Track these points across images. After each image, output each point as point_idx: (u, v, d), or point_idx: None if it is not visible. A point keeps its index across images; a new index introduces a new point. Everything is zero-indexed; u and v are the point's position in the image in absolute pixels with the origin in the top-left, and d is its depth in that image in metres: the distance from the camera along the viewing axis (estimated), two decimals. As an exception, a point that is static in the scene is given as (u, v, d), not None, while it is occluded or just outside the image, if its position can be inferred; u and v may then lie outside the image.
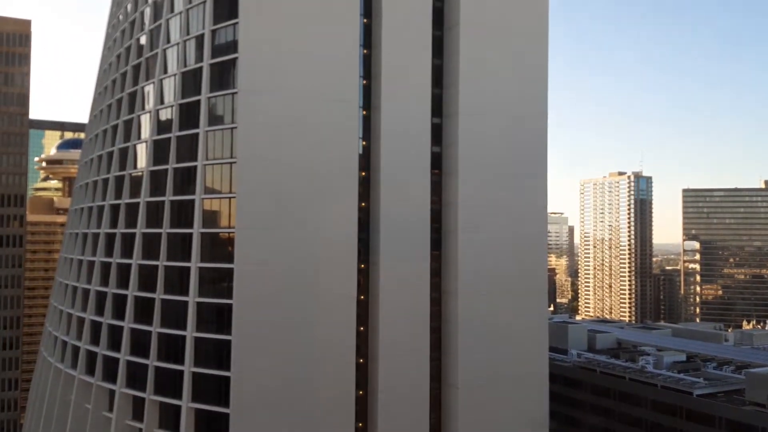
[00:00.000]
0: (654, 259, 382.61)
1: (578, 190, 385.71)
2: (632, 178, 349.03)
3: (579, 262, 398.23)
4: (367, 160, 65.37)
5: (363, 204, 64.64)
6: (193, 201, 62.40)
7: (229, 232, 60.77)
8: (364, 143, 65.27)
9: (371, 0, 65.77)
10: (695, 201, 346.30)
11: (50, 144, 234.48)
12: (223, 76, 61.90)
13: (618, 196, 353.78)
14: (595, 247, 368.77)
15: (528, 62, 70.89)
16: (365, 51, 65.44)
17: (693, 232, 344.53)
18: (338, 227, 62.04)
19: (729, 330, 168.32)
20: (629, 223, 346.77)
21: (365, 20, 65.47)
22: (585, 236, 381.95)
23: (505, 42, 69.41)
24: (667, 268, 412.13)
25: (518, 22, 70.34)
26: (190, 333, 60.52)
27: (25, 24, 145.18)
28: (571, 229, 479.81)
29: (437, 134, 68.24)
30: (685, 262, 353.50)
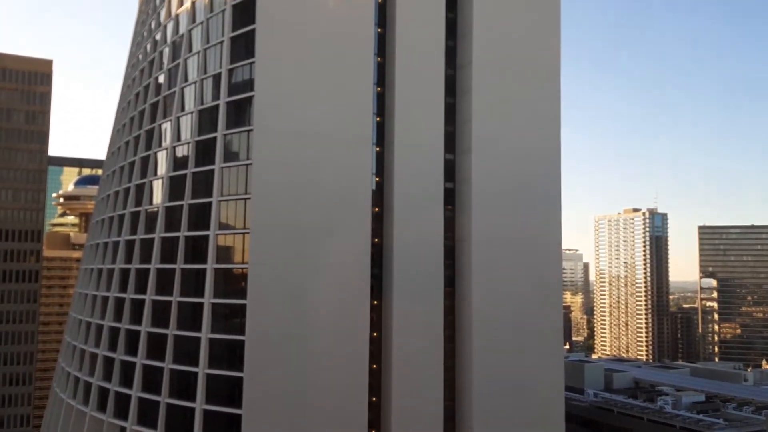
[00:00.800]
0: (670, 297, 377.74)
1: (593, 227, 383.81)
2: (647, 215, 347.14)
3: (594, 300, 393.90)
4: (380, 197, 65.62)
5: (376, 240, 64.67)
6: (207, 237, 62.77)
7: (242, 268, 60.89)
8: (377, 179, 65.63)
9: (385, 39, 66.87)
10: (711, 238, 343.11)
11: (68, 180, 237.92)
12: (239, 113, 62.84)
13: (633, 232, 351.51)
14: (610, 284, 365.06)
15: (540, 100, 71.39)
16: (379, 89, 66.27)
17: (710, 269, 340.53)
18: (351, 263, 62.01)
19: (748, 369, 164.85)
20: (645, 260, 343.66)
21: (379, 59, 66.45)
22: (600, 273, 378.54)
23: (517, 80, 70.03)
24: (684, 306, 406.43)
25: (530, 60, 71.07)
26: (202, 370, 60.24)
27: (47, 64, 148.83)
28: (586, 266, 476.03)
29: (450, 170, 68.49)
30: (702, 299, 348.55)
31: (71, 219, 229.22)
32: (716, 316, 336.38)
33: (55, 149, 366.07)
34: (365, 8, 64.69)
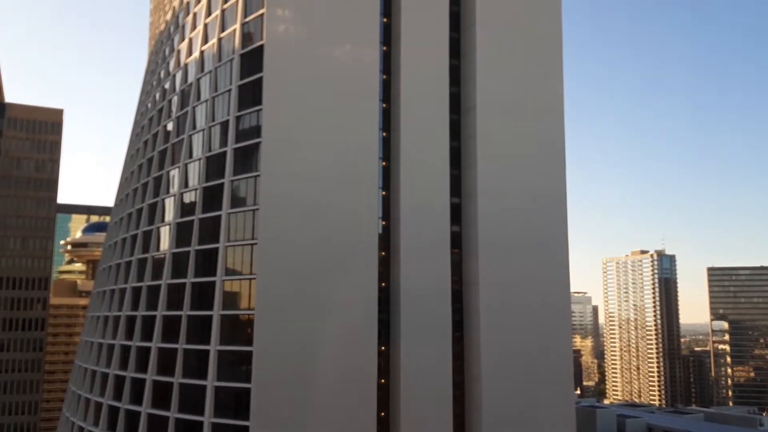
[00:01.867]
0: (682, 340, 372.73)
1: (601, 269, 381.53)
2: (655, 257, 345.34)
3: (605, 343, 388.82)
4: (386, 240, 65.60)
5: (383, 284, 64.39)
6: (213, 283, 62.66)
7: (248, 314, 60.57)
8: (383, 223, 65.74)
9: (390, 85, 67.85)
10: (721, 280, 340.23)
11: (76, 227, 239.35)
12: (246, 159, 63.47)
13: (641, 274, 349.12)
14: (620, 327, 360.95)
15: (545, 143, 71.85)
16: (384, 134, 66.97)
17: (720, 311, 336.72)
18: (358, 308, 61.63)
19: (764, 414, 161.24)
20: (654, 302, 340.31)
21: (384, 105, 67.33)
22: (610, 316, 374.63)
23: (521, 123, 70.66)
24: (696, 349, 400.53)
25: (534, 104, 71.81)
26: (208, 419, 59.35)
27: (57, 113, 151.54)
28: (595, 309, 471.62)
29: (456, 214, 68.58)
30: (714, 342, 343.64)
31: (78, 266, 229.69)
32: (729, 359, 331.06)
33: (64, 196, 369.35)
34: (371, 57, 65.86)
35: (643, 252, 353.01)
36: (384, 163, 66.60)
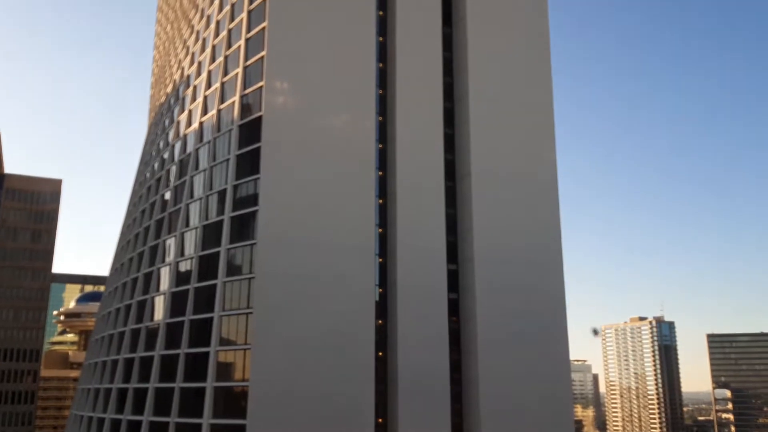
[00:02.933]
0: (684, 409, 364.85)
1: (600, 337, 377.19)
2: (654, 324, 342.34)
3: (606, 413, 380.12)
4: (383, 308, 65.04)
5: (380, 353, 63.43)
6: (207, 353, 61.64)
7: (243, 386, 59.30)
8: (380, 290, 65.35)
9: (386, 154, 68.81)
10: (721, 346, 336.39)
11: (70, 297, 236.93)
12: (243, 228, 63.60)
13: (641, 342, 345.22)
14: (621, 396, 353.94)
15: (540, 208, 72.34)
16: (381, 201, 67.47)
17: (722, 379, 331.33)
18: (355, 379, 60.43)
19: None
20: (655, 370, 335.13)
21: (380, 172, 68.11)
22: (611, 385, 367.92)
23: (516, 189, 71.31)
24: (700, 418, 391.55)
25: (529, 170, 72.63)
26: (200, 495, 57.21)
27: (56, 183, 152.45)
28: (595, 378, 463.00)
29: (454, 280, 68.32)
30: (717, 411, 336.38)
31: (71, 337, 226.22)
32: (733, 429, 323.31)
33: (58, 265, 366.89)
34: (367, 126, 67.05)
35: (642, 319, 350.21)
36: (381, 230, 66.81)
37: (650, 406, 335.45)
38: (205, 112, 74.35)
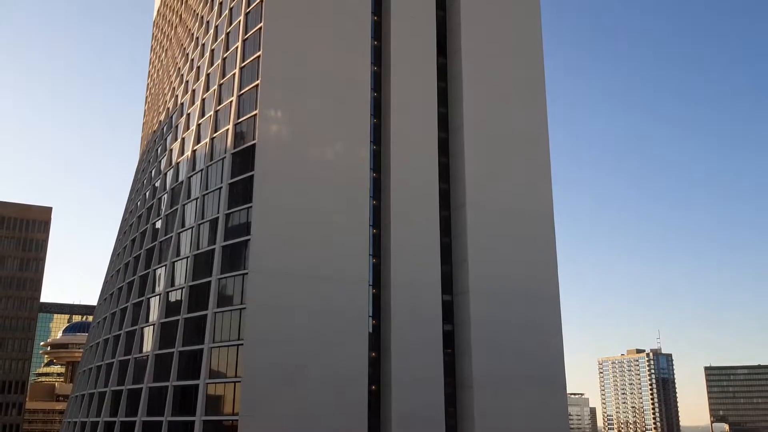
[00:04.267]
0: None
1: (597, 369, 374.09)
2: (651, 356, 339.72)
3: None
4: (377, 339, 63.68)
5: (373, 387, 61.89)
6: (197, 386, 59.97)
7: (232, 420, 57.55)
8: (374, 322, 64.06)
9: (380, 184, 68.12)
10: (719, 379, 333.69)
11: (57, 327, 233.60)
12: (235, 257, 62.46)
13: (638, 374, 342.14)
14: (619, 430, 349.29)
15: (536, 240, 71.55)
16: (375, 231, 66.56)
17: (720, 412, 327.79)
18: (348, 413, 58.84)
19: None
20: (653, 403, 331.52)
21: (374, 202, 67.34)
22: (608, 419, 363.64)
23: (511, 221, 70.57)
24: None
25: (524, 203, 72.00)
26: None
27: (46, 212, 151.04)
28: (592, 411, 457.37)
29: (449, 312, 67.16)
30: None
31: (57, 368, 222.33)
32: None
33: (46, 294, 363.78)
34: (361, 155, 66.50)
35: (639, 351, 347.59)
36: (375, 260, 65.77)
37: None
38: (198, 140, 73.74)
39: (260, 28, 67.11)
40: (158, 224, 76.24)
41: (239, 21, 71.68)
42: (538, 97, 76.68)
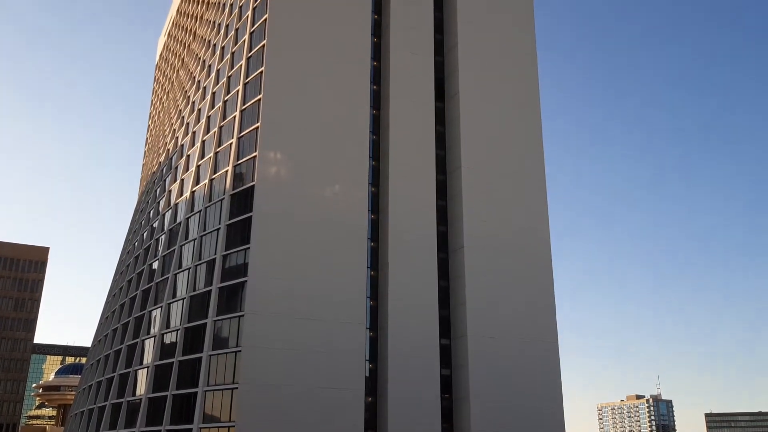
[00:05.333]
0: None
1: (596, 415, 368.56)
2: (651, 402, 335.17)
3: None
4: (374, 383, 62.86)
5: (370, 431, 60.89)
6: (190, 430, 58.90)
7: (225, 466, 56.39)
8: (371, 366, 63.33)
9: (378, 225, 68.21)
10: (720, 426, 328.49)
11: (50, 369, 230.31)
12: (231, 299, 62.12)
13: (638, 421, 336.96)
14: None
15: (533, 284, 71.19)
16: (372, 273, 66.34)
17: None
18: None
19: None
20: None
21: (372, 243, 67.29)
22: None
23: (508, 264, 70.31)
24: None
25: (521, 245, 71.87)
26: None
27: (43, 252, 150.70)
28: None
29: (446, 356, 66.45)
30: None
31: (49, 411, 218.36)
32: None
33: (39, 335, 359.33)
34: (359, 197, 66.71)
35: (639, 397, 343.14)
36: (372, 303, 65.38)
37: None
38: (197, 181, 74.09)
39: (261, 72, 68.15)
40: (155, 265, 76.01)
41: (241, 65, 72.83)
42: (535, 140, 77.27)
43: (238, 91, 71.58)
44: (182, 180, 78.15)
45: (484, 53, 77.34)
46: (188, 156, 79.55)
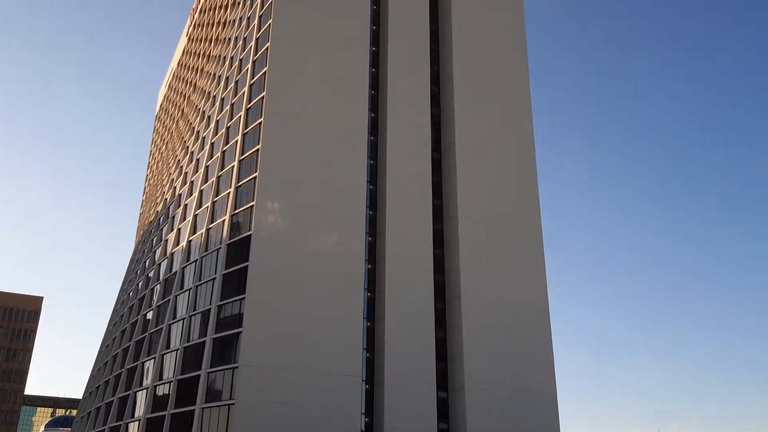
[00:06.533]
0: None
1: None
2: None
3: None
4: (370, 439, 61.49)
5: (366, 489, 59.27)
6: (180, 487, 57.33)
7: None
8: (366, 420, 62.08)
9: (375, 275, 67.88)
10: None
11: (40, 421, 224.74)
12: (225, 350, 61.30)
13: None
14: None
15: (532, 336, 70.47)
16: (369, 324, 65.71)
17: None
18: None
19: None
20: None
21: (369, 294, 66.80)
22: None
23: (506, 310, 69.73)
24: None
25: (517, 293, 71.47)
26: None
27: (37, 301, 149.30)
28: None
29: (443, 409, 65.25)
30: None
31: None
32: None
33: (31, 385, 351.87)
34: (357, 247, 66.58)
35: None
36: (368, 355, 64.53)
37: None
38: (194, 230, 74.06)
39: (260, 123, 68.96)
40: (149, 315, 75.29)
41: (240, 116, 73.74)
42: (530, 188, 77.67)
43: (237, 141, 72.29)
44: (179, 229, 78.13)
45: (480, 105, 78.50)
46: (186, 205, 79.73)
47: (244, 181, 67.98)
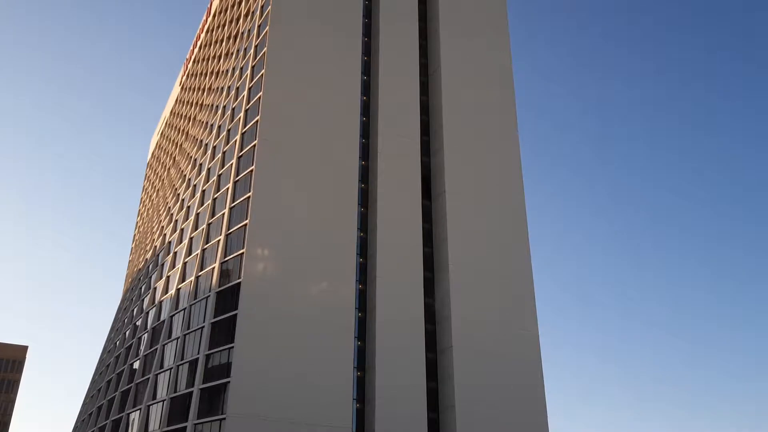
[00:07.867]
0: None
1: None
2: None
3: None
4: (360, 493, 59.85)
5: None
6: None
7: None
8: (357, 460, 60.63)
9: (365, 323, 67.30)
10: None
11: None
12: (213, 401, 60.05)
13: None
14: None
15: (525, 384, 69.68)
16: (359, 373, 64.79)
17: None
18: None
19: None
20: None
21: (359, 342, 66.08)
22: None
23: (497, 360, 69.03)
24: None
25: (509, 342, 70.88)
26: None
27: (21, 351, 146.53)
28: None
29: (434, 430, 64.12)
30: None
31: None
32: None
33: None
34: (347, 294, 66.15)
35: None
36: (359, 405, 63.44)
37: None
38: (183, 278, 73.43)
39: (251, 171, 69.26)
40: (136, 365, 73.97)
41: (231, 164, 74.07)
42: (520, 234, 77.99)
43: (228, 188, 72.43)
44: (168, 277, 77.47)
45: (469, 149, 79.55)
46: (175, 253, 79.26)
47: (235, 228, 67.84)
